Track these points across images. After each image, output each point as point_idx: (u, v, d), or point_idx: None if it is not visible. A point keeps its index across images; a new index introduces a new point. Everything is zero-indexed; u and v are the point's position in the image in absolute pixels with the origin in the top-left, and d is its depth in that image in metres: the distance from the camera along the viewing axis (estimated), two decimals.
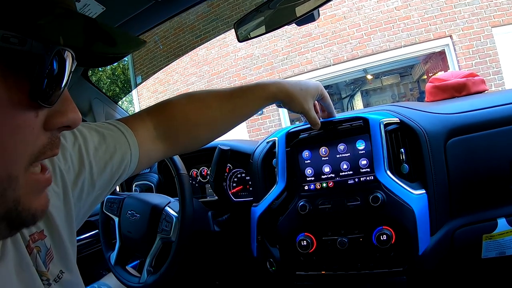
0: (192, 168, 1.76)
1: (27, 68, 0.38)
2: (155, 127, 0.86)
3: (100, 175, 0.74)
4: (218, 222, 1.50)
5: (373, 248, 1.09)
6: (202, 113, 0.93)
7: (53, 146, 0.45)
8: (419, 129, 1.11)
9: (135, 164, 0.82)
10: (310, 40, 8.23)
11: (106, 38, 0.42)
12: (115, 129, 0.79)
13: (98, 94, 1.78)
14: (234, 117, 1.00)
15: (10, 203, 0.42)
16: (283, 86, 1.03)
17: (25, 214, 0.44)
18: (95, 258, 1.84)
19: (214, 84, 9.42)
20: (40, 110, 0.42)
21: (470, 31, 6.89)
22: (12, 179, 0.41)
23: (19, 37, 0.35)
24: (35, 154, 0.43)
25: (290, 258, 1.21)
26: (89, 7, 1.15)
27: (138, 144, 0.81)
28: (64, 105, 0.45)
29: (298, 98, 1.05)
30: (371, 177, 1.13)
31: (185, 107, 0.91)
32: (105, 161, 0.74)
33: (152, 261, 1.36)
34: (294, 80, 1.08)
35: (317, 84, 1.12)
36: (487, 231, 1.11)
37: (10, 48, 0.35)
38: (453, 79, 1.46)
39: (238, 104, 0.98)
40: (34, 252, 0.57)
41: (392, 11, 7.51)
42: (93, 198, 0.75)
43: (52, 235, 0.63)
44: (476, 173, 1.12)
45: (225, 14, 8.38)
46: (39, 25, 0.36)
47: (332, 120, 1.20)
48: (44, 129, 0.43)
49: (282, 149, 1.25)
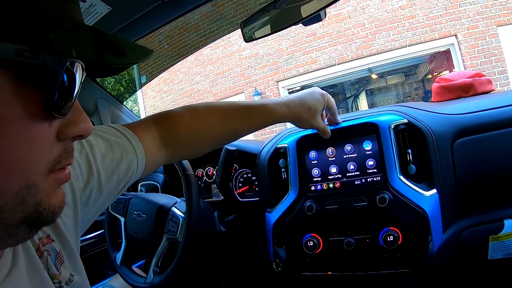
0: (197, 168, 1.76)
1: (40, 80, 0.39)
2: (160, 136, 0.87)
3: (107, 182, 0.74)
4: (224, 222, 1.50)
5: (380, 249, 1.09)
6: (205, 129, 0.94)
7: (67, 155, 0.47)
8: (427, 129, 1.11)
9: (141, 170, 0.83)
10: (315, 39, 8.23)
11: (115, 49, 0.43)
12: (121, 135, 0.80)
13: (104, 95, 1.78)
14: (236, 135, 1.02)
15: (31, 207, 0.43)
16: (291, 109, 1.04)
17: (45, 213, 0.45)
18: (100, 258, 1.84)
19: (219, 84, 9.44)
20: (53, 120, 0.43)
21: (475, 30, 6.88)
22: (31, 187, 0.42)
23: (32, 51, 0.36)
24: (52, 163, 0.44)
25: (297, 259, 1.21)
26: (95, 7, 1.15)
27: (144, 151, 0.82)
28: (75, 115, 0.46)
29: (307, 118, 1.08)
30: (378, 177, 1.13)
31: (189, 122, 0.92)
32: (112, 168, 0.75)
33: (158, 261, 1.36)
34: (301, 96, 1.08)
35: (324, 96, 1.11)
36: (494, 232, 1.11)
37: (24, 62, 0.36)
38: (459, 79, 1.45)
39: (242, 124, 1.00)
40: (45, 256, 0.58)
41: (397, 10, 7.51)
42: (99, 204, 0.76)
43: (60, 239, 0.63)
44: (483, 174, 1.11)
45: (229, 13, 8.37)
46: (50, 39, 0.37)
47: (343, 127, 1.21)
48: (57, 139, 0.44)
49: (293, 157, 1.25)
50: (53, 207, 0.46)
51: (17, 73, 0.37)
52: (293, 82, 8.78)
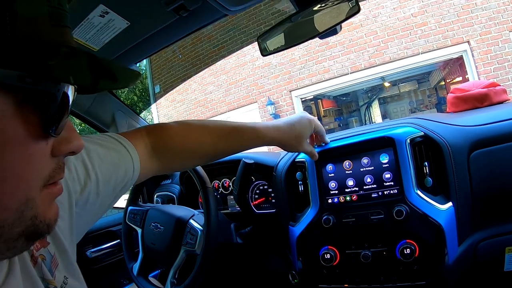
0: (214, 180, 1.76)
1: (39, 103, 0.41)
2: (152, 146, 0.90)
3: (105, 185, 0.76)
4: (241, 234, 1.51)
5: (396, 262, 1.09)
6: (197, 146, 0.98)
7: (60, 171, 0.49)
8: (443, 142, 1.11)
9: (136, 177, 0.84)
10: (328, 48, 8.24)
11: (108, 74, 0.45)
12: (117, 142, 0.81)
13: (121, 106, 1.81)
14: (224, 154, 1.05)
15: (28, 220, 0.45)
16: (279, 134, 1.08)
17: (41, 226, 0.47)
18: (116, 267, 1.86)
19: (232, 93, 9.47)
20: (49, 139, 0.45)
21: (487, 36, 6.82)
22: (29, 201, 0.44)
23: (33, 77, 0.38)
24: (47, 178, 0.47)
25: (313, 271, 1.22)
26: (114, 22, 1.18)
27: (139, 159, 0.84)
28: (68, 133, 0.48)
29: (293, 144, 1.12)
30: (394, 190, 1.13)
31: (183, 138, 0.96)
32: (110, 172, 0.77)
33: (176, 273, 1.36)
34: (289, 122, 1.11)
35: (311, 122, 1.15)
36: (511, 243, 1.10)
37: (25, 87, 0.38)
38: (474, 90, 1.45)
39: (233, 145, 1.03)
40: (39, 262, 0.59)
41: (409, 18, 7.49)
42: (96, 208, 0.78)
43: (55, 242, 0.65)
44: (499, 186, 1.10)
45: (242, 23, 8.45)
46: (51, 66, 0.38)
47: (360, 141, 1.22)
48: (52, 156, 0.47)
49: (312, 171, 1.26)
50: (48, 220, 0.48)
51: (18, 97, 0.40)
52: (306, 91, 8.80)
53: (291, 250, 1.28)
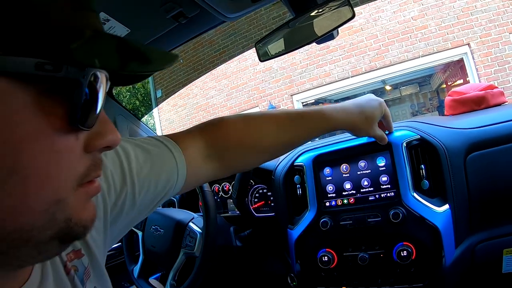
0: (214, 184, 1.78)
1: (64, 93, 0.38)
2: (206, 146, 0.82)
3: (142, 195, 0.71)
4: (240, 237, 1.52)
5: (394, 264, 1.10)
6: (258, 139, 0.89)
7: (96, 168, 0.45)
8: (439, 145, 1.12)
9: (181, 184, 0.78)
10: (328, 52, 8.25)
11: (139, 56, 0.41)
12: (162, 145, 0.76)
13: (122, 111, 1.82)
14: (292, 145, 0.98)
15: (62, 223, 0.41)
16: (349, 118, 0.99)
17: (77, 228, 0.43)
18: (117, 270, 1.87)
19: (234, 98, 9.47)
20: (79, 133, 0.41)
21: (488, 38, 6.82)
22: (61, 202, 0.40)
23: (54, 63, 0.35)
24: (81, 177, 0.43)
25: (311, 273, 1.23)
26: (115, 29, 1.20)
27: (186, 164, 0.77)
28: (102, 127, 0.44)
29: (364, 127, 1.03)
30: (391, 193, 1.14)
31: (241, 131, 0.87)
32: (149, 180, 0.71)
33: (176, 275, 1.38)
34: (359, 103, 1.03)
35: (381, 104, 1.06)
36: (508, 245, 1.10)
37: (46, 76, 0.35)
38: (472, 92, 1.46)
39: (297, 133, 0.95)
40: (72, 273, 0.57)
41: (409, 21, 7.50)
42: (131, 217, 0.73)
43: (89, 254, 0.63)
44: (496, 188, 1.11)
45: (243, 28, 8.47)
46: (72, 50, 0.35)
47: (357, 145, 1.22)
48: (85, 152, 0.43)
49: (310, 175, 1.26)
50: (84, 221, 0.44)
51: (39, 87, 0.36)
52: (307, 95, 8.80)
53: (290, 253, 1.29)
